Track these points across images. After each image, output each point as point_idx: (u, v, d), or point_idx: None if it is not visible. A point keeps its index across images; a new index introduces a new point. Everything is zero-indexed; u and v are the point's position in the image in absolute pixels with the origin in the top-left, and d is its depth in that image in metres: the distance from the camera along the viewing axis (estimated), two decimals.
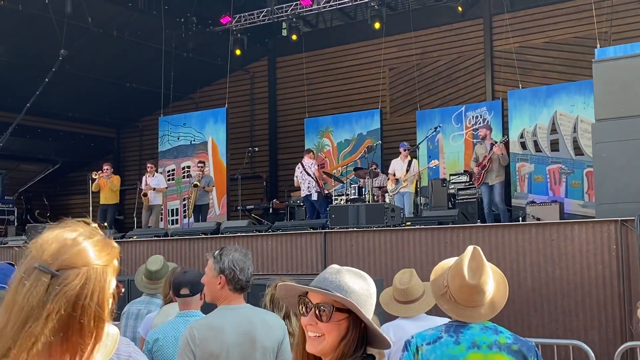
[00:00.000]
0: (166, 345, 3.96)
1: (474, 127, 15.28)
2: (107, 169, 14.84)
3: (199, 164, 15.18)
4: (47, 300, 1.34)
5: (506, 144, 13.02)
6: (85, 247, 1.40)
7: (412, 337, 2.96)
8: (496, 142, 12.29)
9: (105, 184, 14.76)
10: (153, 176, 15.00)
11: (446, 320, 4.52)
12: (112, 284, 1.44)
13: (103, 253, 1.43)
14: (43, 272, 1.35)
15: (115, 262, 1.47)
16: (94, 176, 14.65)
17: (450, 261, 3.08)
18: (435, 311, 4.57)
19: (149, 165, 15.22)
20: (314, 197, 13.63)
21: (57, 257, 1.37)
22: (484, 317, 2.91)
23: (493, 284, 2.96)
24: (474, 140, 14.56)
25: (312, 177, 13.67)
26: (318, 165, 14.43)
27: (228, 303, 3.53)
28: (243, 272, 3.51)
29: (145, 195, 14.64)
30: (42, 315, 1.33)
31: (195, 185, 14.58)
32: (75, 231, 1.42)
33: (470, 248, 2.99)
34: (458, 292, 2.91)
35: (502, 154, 12.01)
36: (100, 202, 14.91)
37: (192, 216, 14.80)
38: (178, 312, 4.23)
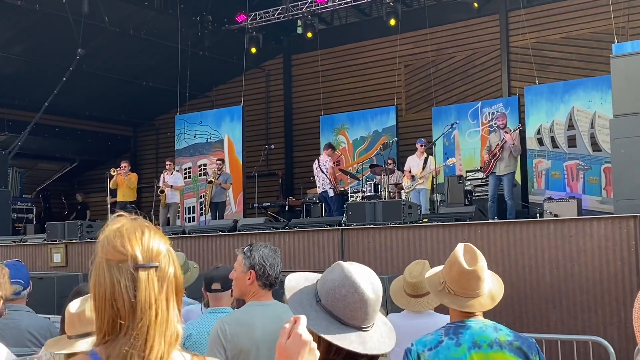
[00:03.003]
0: (200, 342, 3.99)
1: (490, 123, 15.22)
2: (124, 167, 14.91)
3: (218, 162, 15.23)
4: (160, 286, 1.55)
5: (521, 133, 12.73)
6: (155, 236, 1.61)
7: (412, 345, 2.92)
8: (510, 130, 11.98)
9: (123, 181, 14.84)
10: (172, 174, 15.07)
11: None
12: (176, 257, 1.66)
13: (162, 236, 1.63)
14: (148, 268, 1.55)
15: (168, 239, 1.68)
16: (112, 173, 14.75)
17: (438, 268, 3.10)
18: (442, 308, 4.56)
19: (167, 162, 15.28)
20: (330, 193, 13.64)
21: (148, 253, 1.56)
22: (485, 307, 2.89)
23: (489, 272, 2.97)
24: (490, 129, 14.47)
25: (325, 174, 13.67)
26: (334, 162, 14.40)
27: (257, 299, 3.54)
28: (273, 268, 3.53)
29: (162, 192, 14.71)
30: (161, 300, 1.54)
31: (210, 182, 14.63)
32: (138, 227, 1.60)
33: (461, 244, 2.99)
34: (457, 282, 2.89)
35: (514, 144, 11.64)
36: (118, 200, 14.99)
37: (210, 212, 14.83)
38: (210, 308, 4.26)
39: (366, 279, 1.90)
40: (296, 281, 2.00)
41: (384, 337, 1.91)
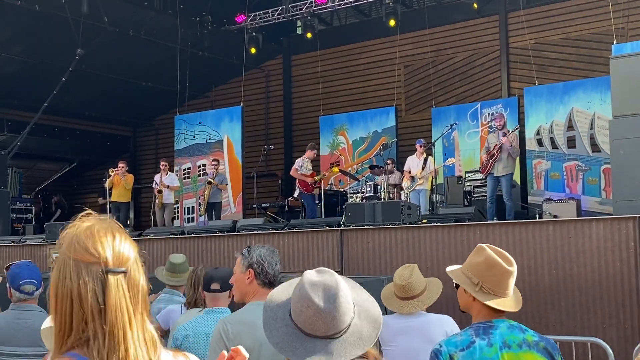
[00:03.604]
0: (197, 342, 3.99)
1: (490, 124, 15.22)
2: (122, 167, 14.91)
3: (213, 162, 15.20)
4: (129, 292, 1.53)
5: (520, 134, 12.70)
6: (125, 241, 1.57)
7: (441, 346, 2.91)
8: (509, 131, 11.97)
9: (119, 182, 14.83)
10: (167, 174, 15.07)
11: (445, 317, 4.54)
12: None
13: (131, 241, 1.60)
14: (117, 273, 1.52)
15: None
16: (110, 172, 14.76)
17: (455, 267, 3.10)
18: (434, 308, 4.59)
19: (162, 163, 15.27)
20: (295, 193, 13.75)
21: (119, 257, 1.53)
22: (516, 307, 2.94)
23: None
24: (489, 130, 14.46)
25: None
26: (299, 165, 14.12)
27: (258, 299, 3.55)
28: (271, 267, 3.53)
29: (161, 192, 14.71)
30: (131, 306, 1.52)
31: (209, 183, 14.63)
32: (109, 229, 1.57)
33: (483, 245, 3.02)
34: (497, 283, 2.92)
35: (511, 145, 11.60)
36: (112, 199, 14.95)
37: (205, 214, 14.79)
38: (206, 308, 4.26)
39: (321, 290, 1.89)
40: (278, 294, 2.04)
41: (361, 339, 1.90)
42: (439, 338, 4.12)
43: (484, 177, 12.55)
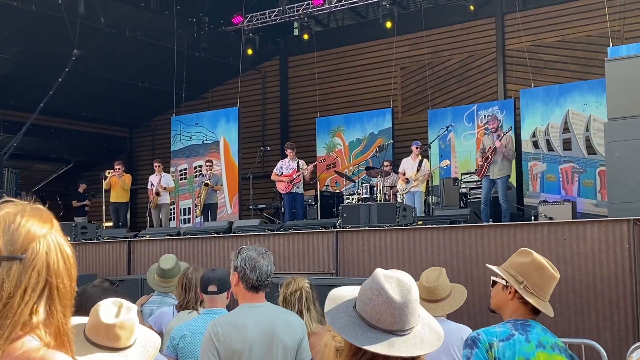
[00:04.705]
0: (194, 342, 4.01)
1: (486, 126, 15.25)
2: (118, 168, 14.94)
3: (207, 163, 15.15)
4: (23, 280, 1.44)
5: (516, 136, 12.71)
6: (27, 223, 1.48)
7: (478, 334, 2.95)
8: (503, 133, 12.04)
9: (117, 182, 14.86)
10: (161, 175, 15.09)
11: (465, 327, 4.48)
12: (64, 241, 1.54)
13: (43, 218, 1.51)
14: (11, 260, 1.44)
15: (55, 221, 1.54)
16: (107, 174, 14.77)
17: (493, 266, 3.19)
18: (453, 316, 4.55)
19: (156, 164, 15.29)
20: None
21: (13, 243, 1.46)
22: (551, 312, 3.02)
23: None
24: (485, 132, 14.49)
25: None
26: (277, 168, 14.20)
27: (248, 301, 3.56)
28: (254, 271, 3.52)
29: (158, 194, 14.74)
30: (25, 295, 1.44)
31: (206, 185, 14.64)
32: (10, 214, 1.49)
33: (527, 249, 3.13)
34: (544, 286, 3.00)
35: (505, 148, 11.70)
36: (111, 200, 15.03)
37: (202, 215, 14.79)
38: (204, 309, 4.27)
39: (394, 282, 1.87)
40: (341, 292, 1.99)
41: (423, 343, 1.88)
42: (455, 348, 4.14)
43: (479, 180, 12.59)
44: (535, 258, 3.03)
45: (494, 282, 3.13)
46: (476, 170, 13.01)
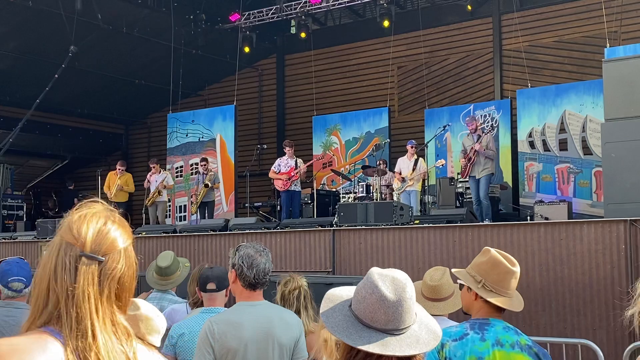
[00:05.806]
0: (192, 340, 3.98)
1: (483, 126, 15.25)
2: (120, 169, 15.17)
3: (202, 162, 15.02)
4: (100, 281, 1.53)
5: (512, 136, 12.70)
6: (116, 231, 1.59)
7: None
8: (483, 133, 12.12)
9: (115, 182, 15.00)
10: (159, 174, 15.10)
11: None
12: (135, 258, 1.64)
13: (126, 233, 1.63)
14: (91, 259, 1.53)
15: (133, 237, 1.66)
16: (113, 174, 15.04)
17: (460, 270, 3.19)
18: (455, 316, 4.55)
19: (152, 165, 15.28)
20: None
21: (99, 245, 1.54)
22: (517, 307, 3.03)
23: None
24: (465, 132, 14.48)
25: None
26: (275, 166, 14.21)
27: (245, 299, 3.55)
28: (251, 269, 3.50)
29: (160, 193, 14.79)
30: (98, 294, 1.52)
31: (206, 186, 14.58)
32: (102, 216, 1.59)
33: (489, 248, 3.14)
34: (500, 282, 3.01)
35: (485, 149, 11.76)
36: (111, 200, 15.04)
37: (197, 212, 14.77)
38: (203, 307, 4.25)
39: (389, 280, 1.85)
40: (339, 291, 1.98)
41: (418, 343, 1.84)
42: None
43: (466, 180, 12.67)
44: (492, 255, 3.05)
45: (461, 285, 3.17)
46: (460, 171, 13.15)
